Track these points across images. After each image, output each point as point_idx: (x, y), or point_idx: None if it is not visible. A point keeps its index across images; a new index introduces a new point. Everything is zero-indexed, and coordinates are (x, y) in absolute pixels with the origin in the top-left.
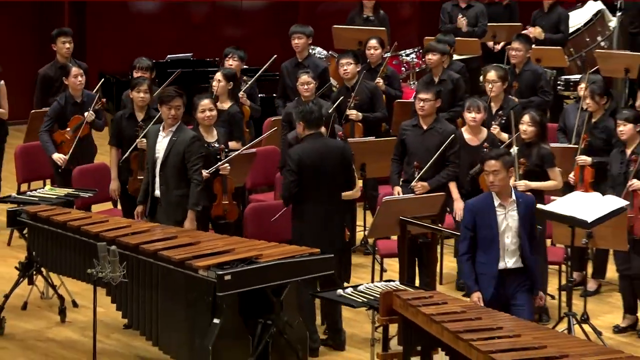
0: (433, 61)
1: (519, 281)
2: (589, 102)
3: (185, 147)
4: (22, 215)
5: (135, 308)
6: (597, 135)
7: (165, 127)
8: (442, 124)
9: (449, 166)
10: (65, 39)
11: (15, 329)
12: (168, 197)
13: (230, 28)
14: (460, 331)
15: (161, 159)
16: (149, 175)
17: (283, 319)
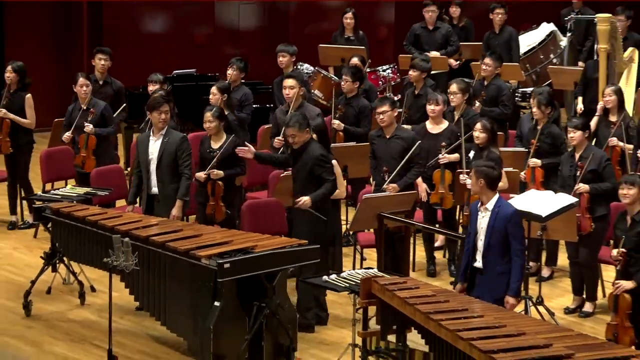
0: (413, 76)
1: (487, 282)
2: (535, 111)
3: (177, 146)
4: (46, 211)
5: (146, 292)
6: (544, 140)
7: (155, 131)
8: (403, 132)
9: (414, 167)
10: (102, 56)
11: (40, 311)
12: (165, 191)
13: (229, 47)
14: (430, 312)
15: (156, 159)
16: (143, 177)
17: (275, 302)
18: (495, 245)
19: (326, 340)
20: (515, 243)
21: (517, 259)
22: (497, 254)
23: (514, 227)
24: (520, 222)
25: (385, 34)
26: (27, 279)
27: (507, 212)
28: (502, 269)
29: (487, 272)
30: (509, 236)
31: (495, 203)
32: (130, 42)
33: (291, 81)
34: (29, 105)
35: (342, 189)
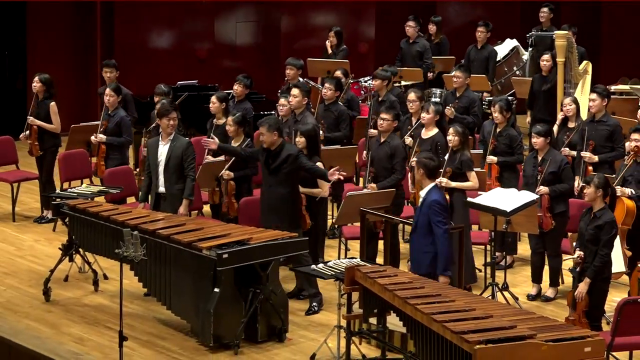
0: (376, 85)
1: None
2: (497, 115)
3: (183, 150)
4: (64, 207)
5: (153, 280)
6: (502, 142)
7: (164, 136)
8: (394, 139)
9: (394, 173)
10: (106, 69)
11: (58, 297)
12: (171, 191)
13: (227, 61)
14: (407, 297)
15: (164, 161)
16: (152, 177)
17: (269, 289)
18: (421, 227)
19: (314, 323)
20: (435, 228)
21: (438, 242)
22: (421, 235)
23: (433, 214)
24: (439, 210)
25: (367, 49)
26: (47, 268)
27: (429, 200)
28: (426, 249)
29: (414, 249)
30: (431, 222)
31: (427, 191)
32: (139, 56)
33: (296, 91)
34: (54, 112)
35: (325, 189)
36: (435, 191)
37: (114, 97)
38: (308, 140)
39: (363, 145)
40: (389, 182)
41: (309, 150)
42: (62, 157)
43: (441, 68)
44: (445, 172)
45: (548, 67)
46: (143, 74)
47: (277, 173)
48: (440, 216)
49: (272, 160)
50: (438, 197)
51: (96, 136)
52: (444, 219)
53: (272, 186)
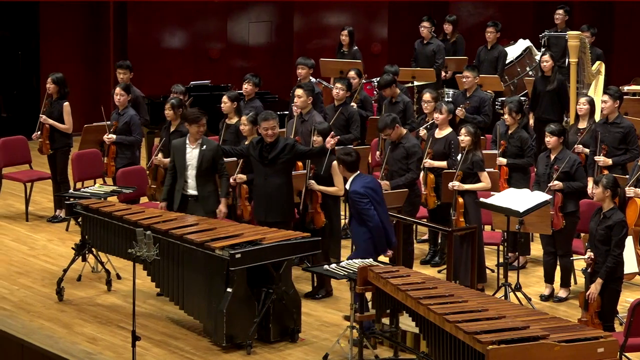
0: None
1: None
2: (507, 117)
3: (214, 154)
4: (77, 207)
5: (166, 280)
6: (513, 144)
7: (192, 140)
8: (408, 140)
9: (409, 172)
10: (120, 70)
11: (71, 296)
12: (202, 194)
13: (240, 61)
14: (420, 297)
15: (195, 166)
16: (178, 178)
17: (281, 288)
18: (353, 215)
19: (327, 322)
20: (364, 216)
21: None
22: (355, 224)
23: (355, 204)
24: (358, 199)
25: (379, 49)
26: (60, 268)
27: (350, 191)
28: (365, 236)
29: (354, 238)
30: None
31: (350, 182)
32: (152, 56)
33: (300, 91)
34: (67, 112)
35: (341, 187)
36: (356, 181)
37: (124, 97)
38: (324, 139)
39: (375, 146)
40: (403, 181)
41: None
42: (75, 157)
43: (454, 68)
44: (457, 175)
45: (549, 67)
46: (156, 74)
47: (274, 163)
48: (361, 204)
49: (268, 151)
50: (356, 186)
51: (107, 135)
52: (366, 205)
53: (268, 177)
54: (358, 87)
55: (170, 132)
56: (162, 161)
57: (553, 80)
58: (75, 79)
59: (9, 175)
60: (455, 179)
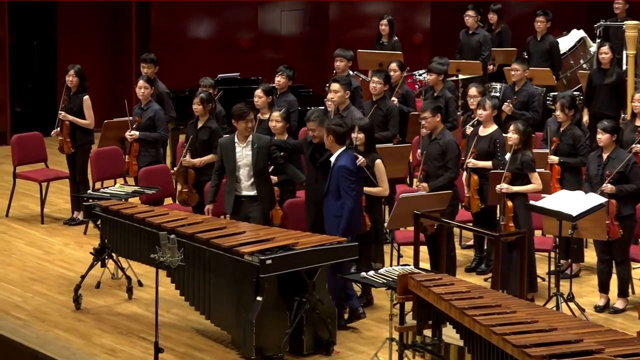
0: (431, 80)
1: (327, 222)
2: (559, 114)
3: (268, 150)
4: (96, 209)
5: (191, 287)
6: (565, 142)
7: (241, 138)
8: (445, 136)
9: (447, 172)
10: (143, 64)
11: (90, 305)
12: (262, 194)
13: (271, 52)
14: (465, 308)
15: (250, 166)
16: (228, 179)
17: (315, 297)
18: (332, 191)
19: (364, 335)
20: (343, 193)
21: (345, 206)
22: (332, 198)
23: (341, 179)
24: (345, 175)
25: (421, 40)
26: (78, 274)
27: (337, 166)
28: (337, 213)
29: (326, 212)
30: (340, 186)
31: (337, 156)
32: (177, 47)
33: (337, 85)
34: (87, 106)
35: (385, 186)
36: (344, 156)
37: (147, 90)
38: (367, 136)
39: (417, 144)
40: (441, 182)
41: (367, 146)
42: (95, 155)
43: (502, 60)
44: (505, 176)
45: (607, 59)
46: (181, 67)
47: (325, 167)
48: (348, 181)
49: (320, 154)
50: (346, 162)
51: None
52: (352, 184)
53: (318, 181)
54: (399, 81)
55: (198, 129)
56: (191, 162)
57: (612, 74)
58: (94, 71)
59: (24, 174)
60: (504, 181)
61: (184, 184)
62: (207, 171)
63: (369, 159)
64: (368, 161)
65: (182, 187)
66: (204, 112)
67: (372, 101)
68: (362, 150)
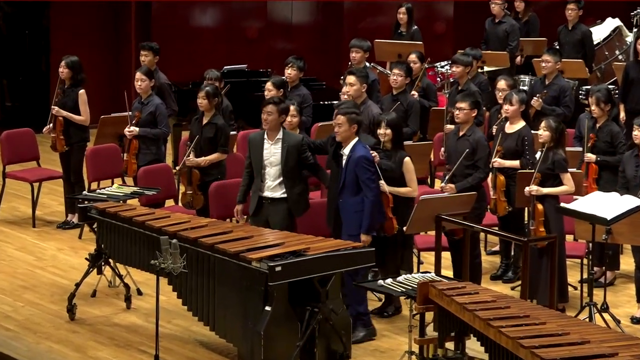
0: (457, 73)
1: (345, 219)
2: (594, 108)
3: (299, 149)
4: (92, 211)
5: (194, 296)
6: (602, 139)
7: (269, 134)
8: (475, 132)
9: (477, 171)
10: (143, 52)
11: (85, 315)
12: (291, 197)
13: (281, 42)
14: (490, 319)
15: (279, 164)
16: (255, 178)
17: (329, 307)
18: (349, 185)
19: (381, 347)
20: (363, 185)
21: (366, 199)
22: (350, 193)
23: (361, 170)
24: (366, 166)
25: (444, 29)
26: (72, 282)
27: (356, 156)
28: (357, 208)
29: (343, 210)
30: (359, 179)
31: (351, 147)
32: (179, 37)
33: (353, 78)
34: (83, 101)
35: (415, 187)
36: (359, 146)
37: (146, 82)
38: (395, 132)
39: (439, 141)
40: (470, 182)
41: (394, 143)
42: (90, 153)
43: (530, 51)
44: (534, 177)
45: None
46: (184, 58)
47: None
48: (369, 172)
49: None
50: (365, 152)
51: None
52: (372, 175)
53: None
54: (420, 73)
55: (203, 125)
56: (195, 161)
57: None
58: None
59: (14, 173)
60: (533, 182)
61: (188, 185)
62: (212, 171)
63: (396, 157)
64: (396, 159)
65: (186, 189)
66: (209, 107)
67: (392, 95)
68: (389, 147)
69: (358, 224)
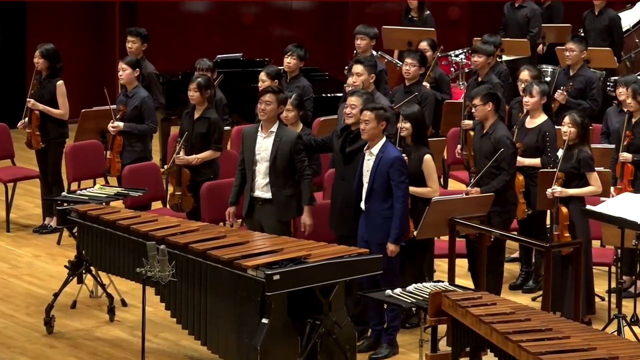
0: (479, 63)
1: (371, 226)
2: (630, 102)
3: (292, 147)
4: (72, 214)
5: (184, 307)
6: (638, 136)
7: (264, 127)
8: (497, 130)
9: (501, 173)
10: (130, 38)
11: (64, 328)
12: (278, 198)
13: (280, 28)
14: (509, 332)
15: (268, 160)
16: (247, 175)
17: (332, 319)
18: (378, 190)
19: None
20: (396, 189)
21: (398, 205)
22: (379, 199)
23: (396, 173)
24: (402, 168)
25: (458, 14)
26: (50, 292)
27: (390, 157)
28: (385, 214)
29: (370, 216)
30: (391, 182)
31: (381, 148)
32: (168, 22)
33: (360, 67)
34: (61, 93)
35: (435, 187)
36: (391, 146)
37: (128, 72)
38: (415, 126)
39: (454, 137)
40: (495, 186)
41: (416, 138)
42: (70, 150)
43: (553, 38)
44: (557, 177)
45: None
46: (173, 46)
47: (351, 161)
48: (403, 175)
49: (351, 144)
50: (398, 152)
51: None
52: (406, 179)
53: (347, 179)
54: (432, 63)
55: (195, 120)
56: (185, 159)
57: None
58: (70, 51)
59: None
60: (556, 183)
61: (177, 186)
62: (204, 170)
63: (417, 154)
64: (416, 156)
65: (175, 190)
66: (201, 100)
67: (405, 86)
68: (409, 143)
69: (386, 231)
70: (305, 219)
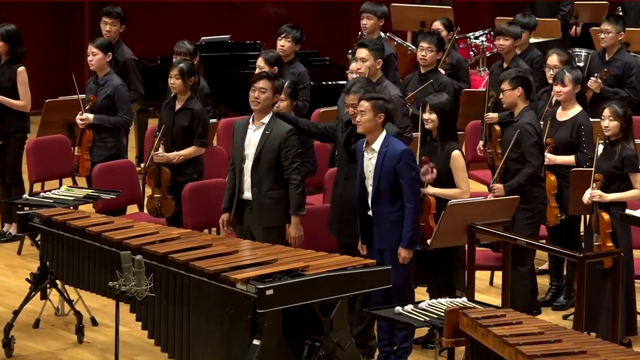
0: (505, 47)
1: (381, 232)
2: None
3: (282, 142)
4: (34, 220)
5: (164, 326)
6: None
7: (255, 117)
8: (522, 117)
9: (525, 166)
10: (106, 20)
11: (25, 350)
12: (260, 200)
13: (273, 7)
14: (537, 355)
15: (253, 155)
16: (236, 174)
17: (333, 341)
18: (385, 190)
19: None
20: (407, 186)
21: (409, 205)
22: (387, 201)
23: (405, 168)
24: (411, 162)
25: None
26: (9, 309)
27: (397, 151)
28: (393, 217)
29: (379, 221)
30: (399, 179)
31: (383, 142)
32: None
33: (365, 51)
34: (22, 81)
35: (466, 188)
36: (394, 140)
37: (99, 56)
38: (442, 118)
39: (474, 131)
40: (518, 181)
41: (442, 132)
42: (32, 146)
43: (587, 18)
44: (595, 178)
45: None
46: (151, 27)
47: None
48: (414, 170)
49: (356, 139)
50: (403, 145)
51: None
52: (417, 174)
53: (350, 178)
54: (448, 46)
55: (176, 111)
56: (165, 157)
57: None
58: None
59: None
60: (595, 186)
61: (156, 187)
62: (187, 169)
63: (444, 150)
64: (442, 153)
65: (153, 192)
66: (183, 89)
67: (420, 73)
68: (435, 136)
69: (398, 236)
70: (291, 230)
